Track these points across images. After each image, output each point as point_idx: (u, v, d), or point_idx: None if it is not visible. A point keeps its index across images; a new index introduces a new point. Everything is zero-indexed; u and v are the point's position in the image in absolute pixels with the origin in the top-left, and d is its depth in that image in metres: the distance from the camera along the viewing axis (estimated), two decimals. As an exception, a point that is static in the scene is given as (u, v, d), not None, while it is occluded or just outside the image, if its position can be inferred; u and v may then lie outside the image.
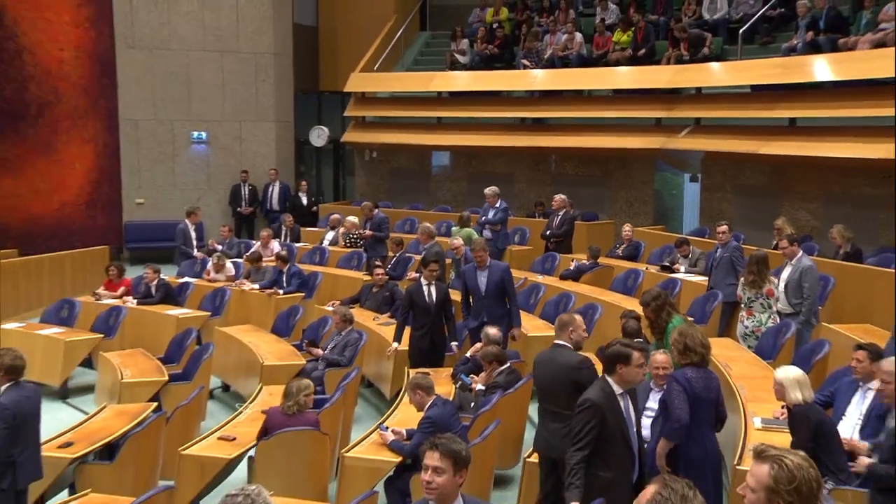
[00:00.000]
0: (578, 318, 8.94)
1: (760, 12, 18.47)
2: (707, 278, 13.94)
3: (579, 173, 20.68)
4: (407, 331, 12.38)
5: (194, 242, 19.13)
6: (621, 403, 7.10)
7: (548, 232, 17.80)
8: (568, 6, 22.18)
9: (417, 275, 13.81)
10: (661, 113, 19.15)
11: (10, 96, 21.49)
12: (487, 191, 18.10)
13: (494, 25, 22.76)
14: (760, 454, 4.30)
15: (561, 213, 17.77)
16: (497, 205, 17.92)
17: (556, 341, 8.50)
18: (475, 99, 22.08)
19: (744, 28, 18.27)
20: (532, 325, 12.91)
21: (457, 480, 5.27)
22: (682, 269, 14.92)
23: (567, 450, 7.41)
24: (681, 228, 19.05)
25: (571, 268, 15.70)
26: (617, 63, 20.09)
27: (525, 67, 21.53)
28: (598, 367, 8.38)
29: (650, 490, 4.08)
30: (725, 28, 19.09)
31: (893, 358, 7.46)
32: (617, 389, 7.07)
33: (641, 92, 19.52)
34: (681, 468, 7.60)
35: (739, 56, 18.21)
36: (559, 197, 17.96)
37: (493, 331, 10.75)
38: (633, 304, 13.19)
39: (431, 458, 5.30)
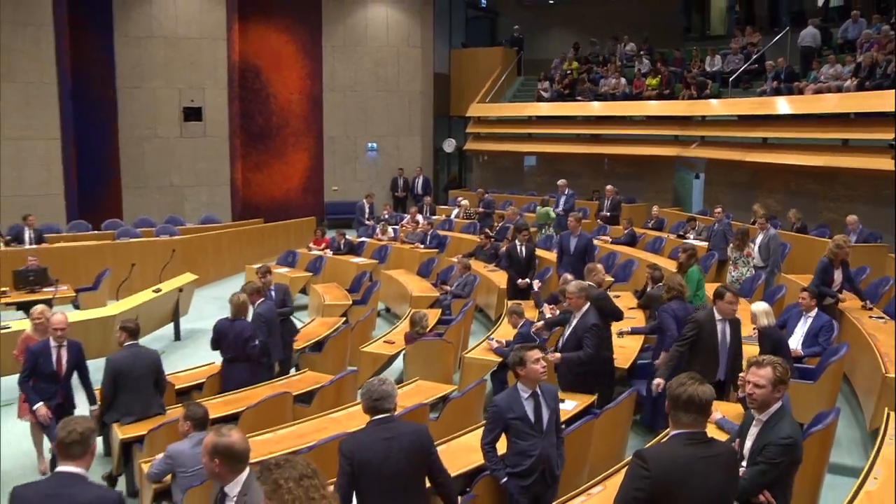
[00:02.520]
0: (599, 266, 9.35)
1: (742, 68, 18.46)
2: (707, 243, 14.07)
3: (623, 171, 20.65)
4: (505, 275, 12.67)
5: (366, 215, 19.74)
6: (718, 326, 7.15)
7: (602, 212, 17.90)
8: (616, 60, 22.26)
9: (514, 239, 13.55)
10: (678, 132, 19.11)
11: (261, 124, 22.37)
12: (560, 182, 18.30)
13: (567, 72, 22.88)
14: (759, 363, 4.52)
15: (610, 198, 17.96)
16: (566, 192, 18.09)
17: (585, 281, 8.60)
18: (553, 121, 22.13)
19: (732, 77, 18.32)
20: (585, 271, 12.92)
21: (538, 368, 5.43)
22: (692, 237, 14.97)
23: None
24: (690, 209, 18.98)
25: (622, 237, 15.62)
26: (648, 98, 20.15)
27: (579, 100, 21.67)
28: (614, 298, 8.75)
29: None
30: (720, 77, 19.01)
31: None
32: (718, 316, 7.17)
33: (664, 118, 19.42)
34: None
35: (730, 96, 18.20)
36: (609, 187, 18.18)
37: (569, 276, 10.56)
38: (659, 260, 13.47)
39: (534, 354, 5.50)
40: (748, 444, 4.48)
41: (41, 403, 7.31)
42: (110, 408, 7.43)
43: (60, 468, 4.03)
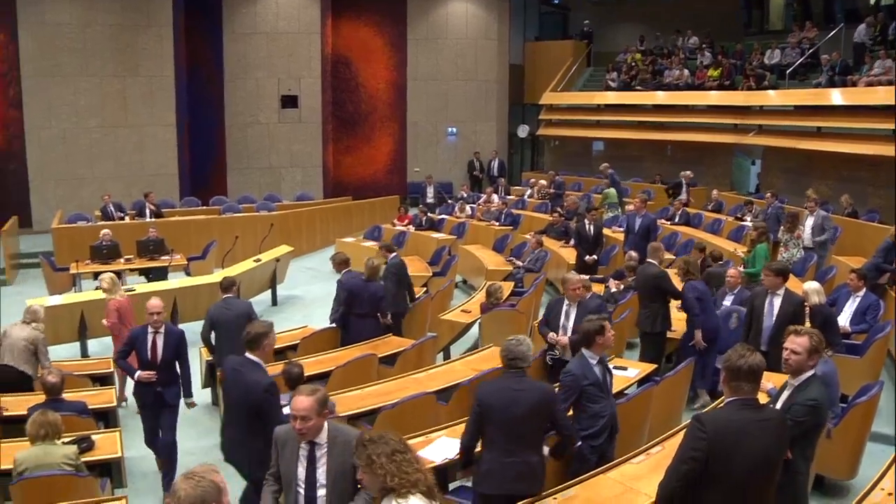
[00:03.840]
0: (661, 245, 9.25)
1: (799, 61, 17.96)
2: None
3: (684, 156, 20.22)
4: (574, 251, 12.63)
5: (428, 196, 19.81)
6: (768, 298, 7.17)
7: (680, 196, 17.34)
8: (680, 53, 21.88)
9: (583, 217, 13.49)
10: (737, 121, 18.67)
11: (351, 110, 22.64)
12: (602, 166, 18.10)
13: (633, 63, 22.60)
14: (798, 332, 4.54)
15: (687, 183, 17.67)
16: (609, 172, 17.87)
17: (648, 259, 8.68)
18: (620, 109, 21.85)
19: (789, 70, 17.83)
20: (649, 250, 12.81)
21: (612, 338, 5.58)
22: (748, 219, 14.60)
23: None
24: (747, 193, 18.68)
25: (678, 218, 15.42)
26: (709, 88, 19.81)
27: (638, 90, 21.46)
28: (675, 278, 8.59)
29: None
30: (778, 69, 18.54)
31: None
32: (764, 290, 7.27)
33: (725, 107, 19.02)
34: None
35: (786, 87, 17.76)
36: (687, 173, 17.80)
37: (633, 254, 10.71)
38: (718, 241, 13.35)
39: (609, 331, 5.51)
40: (778, 405, 4.49)
41: (139, 372, 6.64)
42: (215, 353, 8.00)
43: (247, 355, 5.37)
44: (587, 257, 12.14)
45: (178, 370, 6.87)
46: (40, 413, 5.41)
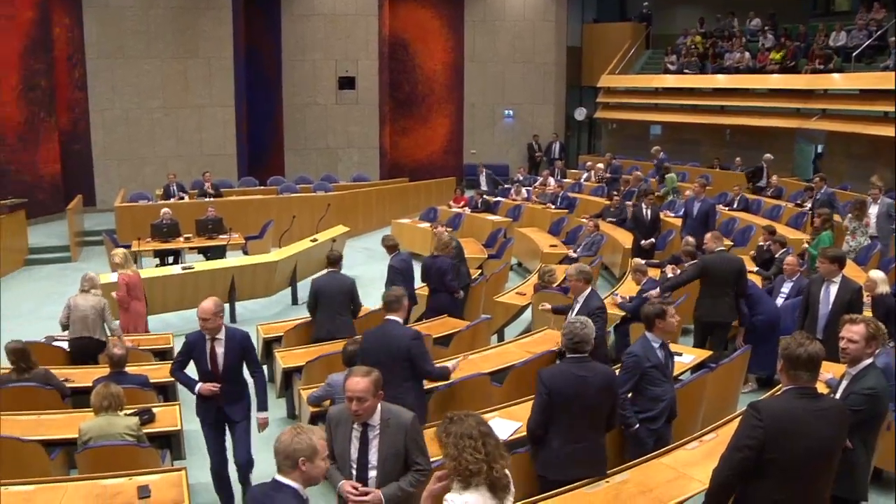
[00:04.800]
0: (720, 234, 9.07)
1: (866, 43, 17.44)
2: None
3: (744, 141, 19.81)
4: (630, 235, 12.55)
5: (481, 185, 19.62)
6: (824, 286, 7.01)
7: (758, 182, 17.12)
8: (741, 35, 21.43)
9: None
10: (800, 105, 18.21)
11: (408, 92, 22.72)
12: (654, 149, 18.18)
13: (693, 46, 22.19)
14: (853, 320, 4.49)
15: (766, 167, 17.34)
16: (660, 156, 18.00)
17: (719, 248, 8.44)
18: (678, 92, 21.47)
19: (855, 52, 17.32)
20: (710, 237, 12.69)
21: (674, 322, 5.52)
22: (808, 206, 14.24)
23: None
24: (809, 179, 18.26)
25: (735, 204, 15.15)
26: (771, 72, 19.38)
27: (686, 72, 21.12)
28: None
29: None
30: (844, 52, 18.04)
31: None
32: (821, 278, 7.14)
33: (787, 91, 18.55)
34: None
35: (852, 70, 17.28)
36: (768, 155, 17.55)
37: (690, 239, 10.52)
38: (777, 228, 12.98)
39: (672, 310, 5.51)
40: (837, 396, 4.43)
41: (200, 384, 5.68)
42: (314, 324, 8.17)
43: (387, 317, 5.74)
44: (643, 241, 12.02)
45: (252, 378, 5.93)
46: (104, 385, 5.56)
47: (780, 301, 8.53)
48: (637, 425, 5.30)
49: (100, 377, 6.46)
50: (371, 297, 10.83)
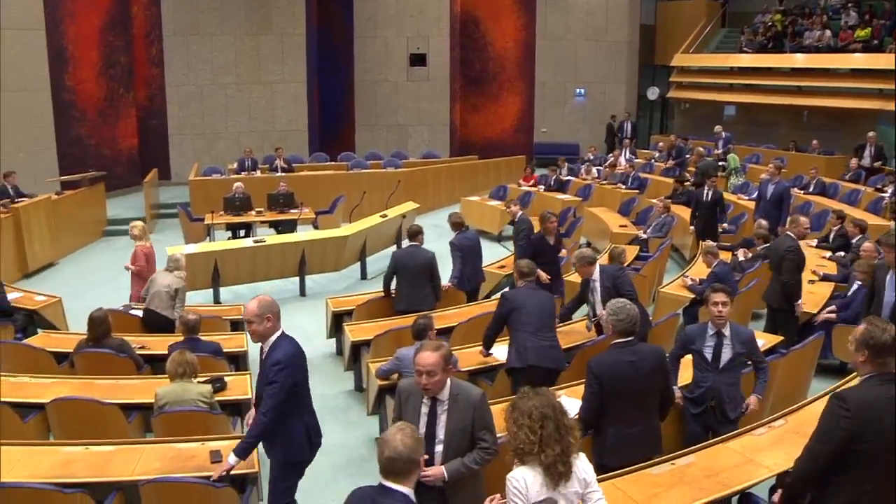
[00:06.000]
0: (803, 219, 8.66)
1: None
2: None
3: (822, 123, 19.35)
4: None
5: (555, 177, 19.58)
6: (890, 272, 6.68)
7: (863, 160, 16.45)
8: (822, 13, 20.79)
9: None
10: (883, 85, 17.66)
11: (478, 69, 22.46)
12: (716, 128, 17.85)
13: (770, 24, 21.64)
14: None
15: (873, 145, 16.77)
16: (723, 136, 17.68)
17: (787, 231, 8.32)
18: (755, 72, 20.90)
19: (946, 30, 16.73)
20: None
21: (713, 310, 5.37)
22: (889, 191, 13.80)
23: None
24: (891, 164, 17.71)
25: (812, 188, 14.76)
26: (853, 51, 18.77)
27: (747, 51, 20.53)
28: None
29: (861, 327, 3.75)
30: (933, 30, 17.42)
31: None
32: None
33: (870, 71, 17.98)
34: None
35: (941, 49, 16.67)
36: (872, 134, 16.99)
37: (763, 222, 10.45)
38: (855, 212, 12.68)
39: (719, 297, 5.43)
40: None
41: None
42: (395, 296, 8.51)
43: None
44: (692, 225, 11.90)
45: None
46: (179, 353, 5.75)
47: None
48: (679, 395, 5.43)
49: (175, 343, 6.73)
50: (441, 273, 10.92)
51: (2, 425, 5.53)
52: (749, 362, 5.61)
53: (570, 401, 5.63)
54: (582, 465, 3.47)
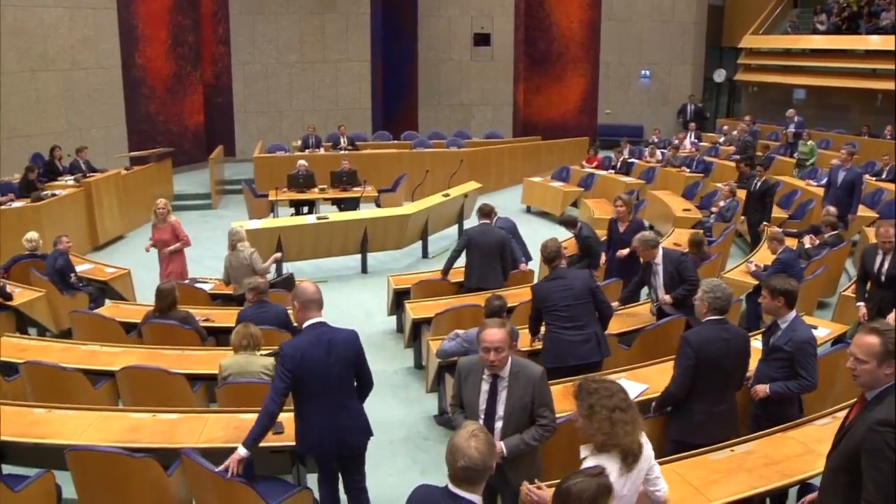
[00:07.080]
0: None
1: None
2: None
3: (896, 108, 18.96)
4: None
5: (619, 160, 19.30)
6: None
7: None
8: (902, -8, 20.09)
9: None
10: (962, 69, 17.12)
11: (543, 49, 22.23)
12: (788, 112, 17.53)
13: (846, 4, 20.99)
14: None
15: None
16: (794, 119, 17.36)
17: None
18: (827, 54, 20.35)
19: None
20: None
21: (776, 304, 5.02)
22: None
23: None
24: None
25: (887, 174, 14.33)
26: (935, 33, 18.10)
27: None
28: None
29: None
30: None
31: None
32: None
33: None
34: None
35: None
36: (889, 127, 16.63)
37: (832, 209, 10.27)
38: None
39: (764, 296, 5.28)
40: None
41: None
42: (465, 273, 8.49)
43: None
44: (744, 215, 11.64)
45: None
46: (244, 325, 5.84)
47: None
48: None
49: (245, 307, 6.96)
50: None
51: (76, 391, 5.75)
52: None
53: (631, 384, 5.61)
54: (647, 444, 3.50)
